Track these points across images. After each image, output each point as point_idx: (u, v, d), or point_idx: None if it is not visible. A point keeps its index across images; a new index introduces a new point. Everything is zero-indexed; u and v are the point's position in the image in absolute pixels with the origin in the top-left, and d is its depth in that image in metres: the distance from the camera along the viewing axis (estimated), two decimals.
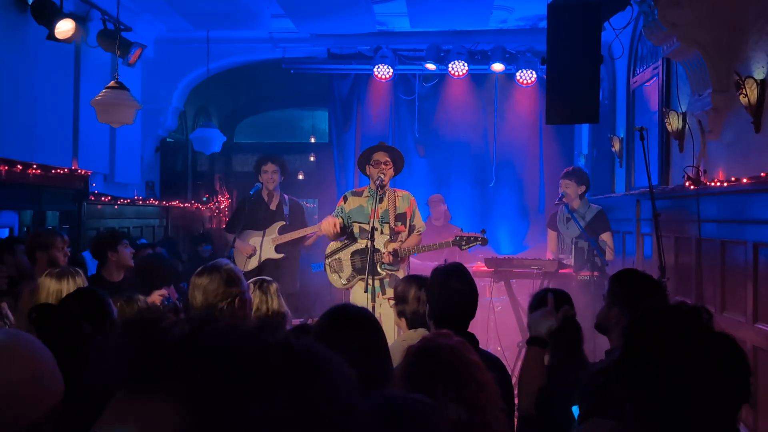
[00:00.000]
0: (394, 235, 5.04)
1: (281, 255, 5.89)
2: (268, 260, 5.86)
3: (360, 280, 4.95)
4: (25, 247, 4.18)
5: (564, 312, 2.68)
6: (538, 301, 2.91)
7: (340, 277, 5.11)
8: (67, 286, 3.06)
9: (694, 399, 1.21)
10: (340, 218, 5.07)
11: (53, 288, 3.05)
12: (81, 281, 3.15)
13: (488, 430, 1.79)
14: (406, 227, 5.10)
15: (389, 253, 4.89)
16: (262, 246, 5.85)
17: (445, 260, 3.10)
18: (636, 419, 1.25)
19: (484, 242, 5.05)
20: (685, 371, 1.22)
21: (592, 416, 1.45)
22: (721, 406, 1.22)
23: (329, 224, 4.93)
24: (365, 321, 2.22)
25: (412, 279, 3.29)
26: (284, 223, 5.96)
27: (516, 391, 2.71)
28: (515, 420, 2.63)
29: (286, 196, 6.12)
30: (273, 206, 5.99)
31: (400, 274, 4.99)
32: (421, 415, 1.30)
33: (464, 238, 5.04)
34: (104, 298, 2.57)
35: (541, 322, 2.61)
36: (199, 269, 2.80)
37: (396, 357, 2.61)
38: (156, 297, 3.99)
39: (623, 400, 1.27)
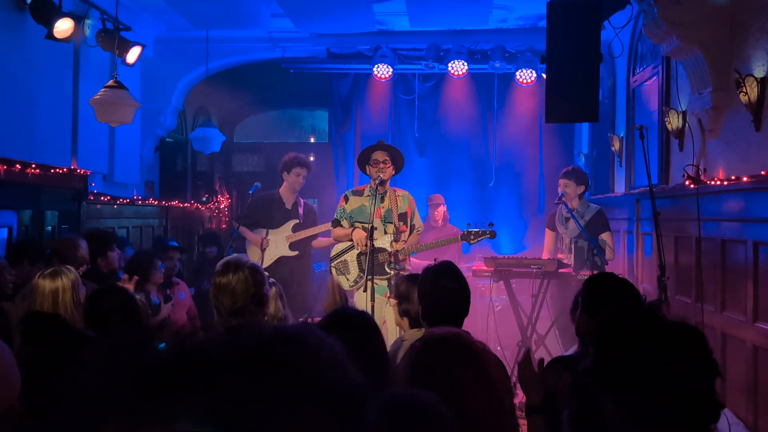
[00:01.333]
0: (398, 234, 5.05)
1: (296, 252, 5.95)
2: (282, 257, 5.92)
3: (368, 280, 4.96)
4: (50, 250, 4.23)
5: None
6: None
7: (347, 279, 5.10)
8: (62, 284, 3.05)
9: (667, 387, 1.27)
10: (352, 223, 5.09)
11: (49, 288, 3.04)
12: (74, 277, 3.14)
13: (505, 416, 1.78)
14: (407, 227, 5.11)
15: (397, 251, 4.90)
16: (276, 243, 5.91)
17: (435, 259, 3.07)
18: (619, 418, 1.29)
19: (493, 235, 5.04)
20: (652, 363, 1.29)
21: (580, 416, 1.46)
22: (695, 386, 1.28)
23: (361, 239, 4.94)
24: (361, 324, 2.20)
25: (416, 278, 3.21)
26: (298, 221, 6.02)
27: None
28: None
29: (302, 200, 6.21)
30: (289, 205, 6.07)
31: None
32: (431, 409, 1.32)
33: (472, 233, 5.03)
34: (133, 297, 2.60)
35: (530, 390, 2.43)
36: (220, 268, 2.62)
37: (399, 356, 2.59)
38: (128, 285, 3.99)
39: (605, 402, 1.32)
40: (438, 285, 2.80)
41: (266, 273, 2.81)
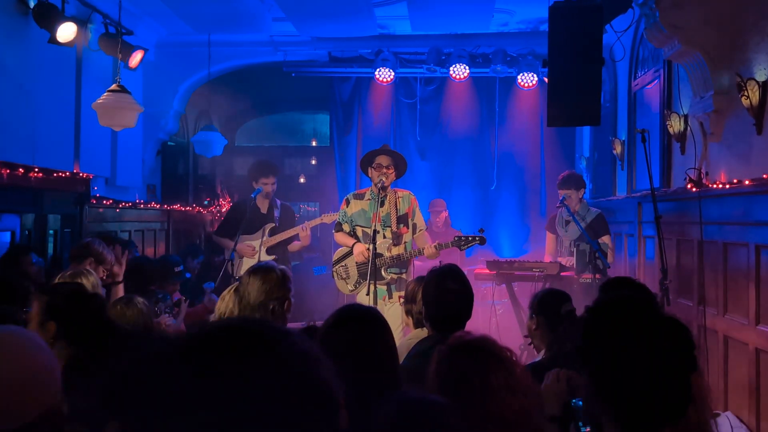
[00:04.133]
0: (396, 238, 5.05)
1: (272, 257, 5.94)
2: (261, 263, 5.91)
3: (370, 283, 4.97)
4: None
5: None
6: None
7: (347, 284, 5.15)
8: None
9: (646, 373, 1.33)
10: (353, 227, 5.09)
11: None
12: (94, 279, 3.15)
13: (534, 419, 1.80)
14: (408, 228, 5.11)
15: (432, 247, 4.90)
16: (260, 248, 5.90)
17: (440, 262, 3.11)
18: (598, 397, 1.37)
19: (482, 242, 5.05)
20: (636, 350, 1.35)
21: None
22: (671, 376, 1.34)
23: (360, 254, 4.99)
24: (369, 319, 2.19)
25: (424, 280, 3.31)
26: (274, 224, 6.02)
27: None
28: None
29: (278, 201, 6.18)
30: (264, 209, 6.07)
31: (406, 277, 5.00)
32: (440, 416, 1.35)
33: (463, 239, 5.05)
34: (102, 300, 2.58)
35: (551, 400, 2.49)
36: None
37: (402, 355, 2.61)
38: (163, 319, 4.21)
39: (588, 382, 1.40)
40: (442, 286, 2.82)
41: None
